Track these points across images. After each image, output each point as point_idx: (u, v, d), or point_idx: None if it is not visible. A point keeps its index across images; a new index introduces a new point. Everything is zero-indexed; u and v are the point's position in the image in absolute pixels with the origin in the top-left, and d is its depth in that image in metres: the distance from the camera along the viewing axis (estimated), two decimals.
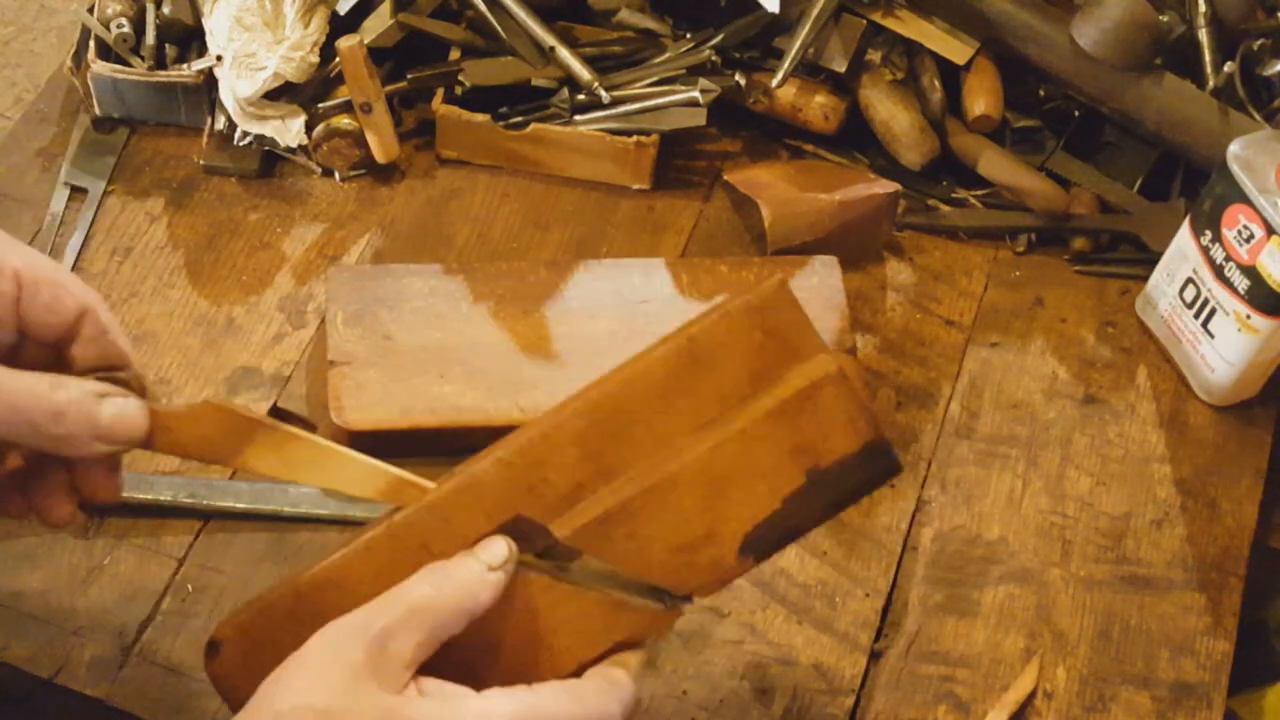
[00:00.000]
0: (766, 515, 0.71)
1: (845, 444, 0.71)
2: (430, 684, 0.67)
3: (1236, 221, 0.97)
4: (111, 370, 0.73)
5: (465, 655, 0.69)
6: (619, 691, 0.69)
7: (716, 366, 0.70)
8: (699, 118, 1.10)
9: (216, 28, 1.07)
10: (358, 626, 0.67)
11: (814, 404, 0.71)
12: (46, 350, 0.73)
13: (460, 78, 1.10)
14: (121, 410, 0.70)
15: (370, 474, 0.72)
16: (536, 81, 1.11)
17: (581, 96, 1.10)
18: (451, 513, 0.69)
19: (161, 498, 0.92)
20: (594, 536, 0.70)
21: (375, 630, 0.66)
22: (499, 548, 0.69)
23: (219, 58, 1.07)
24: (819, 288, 1.03)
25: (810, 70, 1.14)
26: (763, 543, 0.72)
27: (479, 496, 0.69)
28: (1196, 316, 1.02)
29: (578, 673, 0.70)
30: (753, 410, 0.70)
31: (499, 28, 1.11)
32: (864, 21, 1.13)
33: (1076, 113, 1.17)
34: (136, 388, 0.73)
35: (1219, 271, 0.99)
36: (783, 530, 0.72)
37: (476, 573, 0.69)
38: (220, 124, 1.09)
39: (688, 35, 1.15)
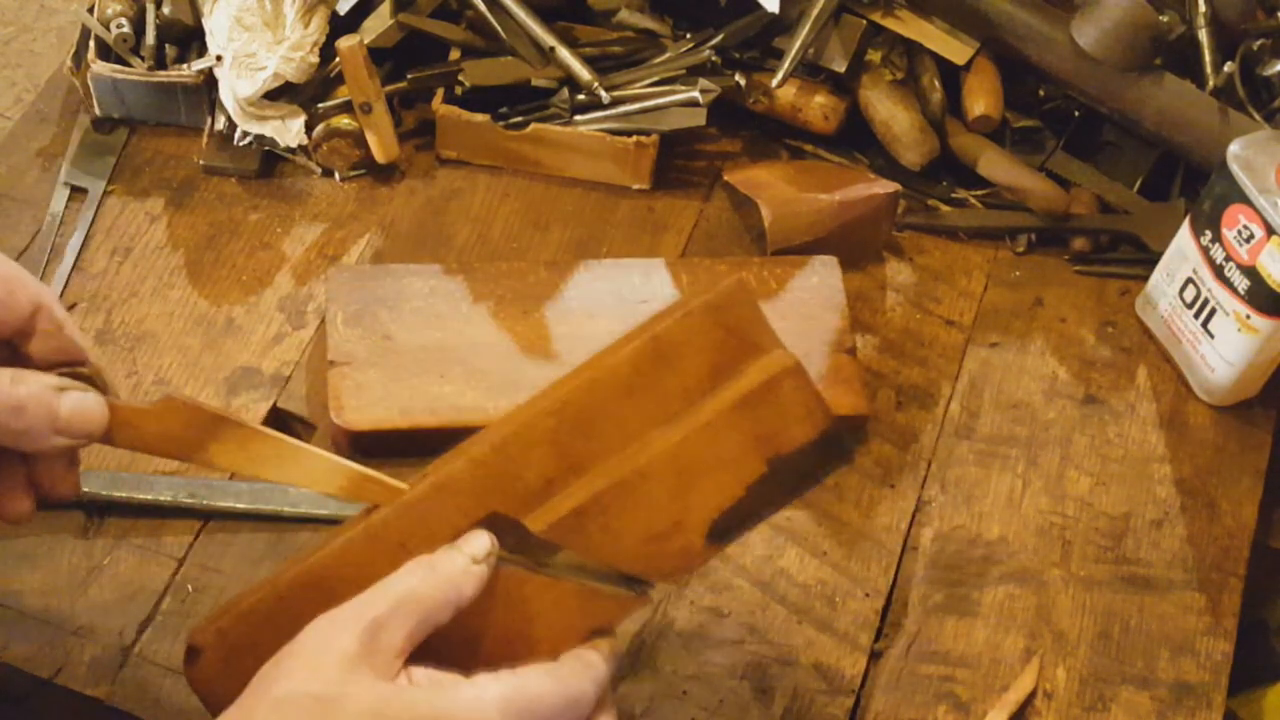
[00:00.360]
0: (731, 503, 0.74)
1: (804, 433, 0.74)
2: (420, 673, 0.68)
3: (1236, 221, 0.97)
4: (71, 365, 0.73)
5: (449, 647, 0.70)
6: (593, 672, 0.72)
7: (680, 363, 0.74)
8: (699, 118, 1.10)
9: (216, 28, 1.07)
10: (349, 618, 0.68)
11: (774, 396, 0.74)
12: (1, 347, 0.73)
13: (460, 78, 1.10)
14: (81, 404, 0.71)
15: (334, 471, 0.74)
16: (536, 81, 1.11)
17: (581, 96, 1.10)
18: (427, 512, 0.71)
19: (161, 498, 0.92)
20: (568, 529, 0.72)
21: (367, 621, 0.67)
22: (482, 541, 0.71)
23: (219, 58, 1.07)
24: (819, 288, 1.03)
25: (810, 70, 1.14)
26: (728, 528, 0.75)
27: (454, 495, 0.72)
28: (1196, 316, 1.02)
29: (554, 659, 0.72)
30: (716, 404, 0.74)
31: (499, 28, 1.11)
32: (864, 21, 1.13)
33: (1076, 113, 1.17)
34: (98, 383, 0.73)
35: (1219, 271, 0.99)
36: (746, 515, 0.75)
37: (461, 565, 0.70)
38: (220, 124, 1.09)
39: (688, 35, 1.15)
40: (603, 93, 1.09)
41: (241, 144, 1.09)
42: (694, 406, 0.74)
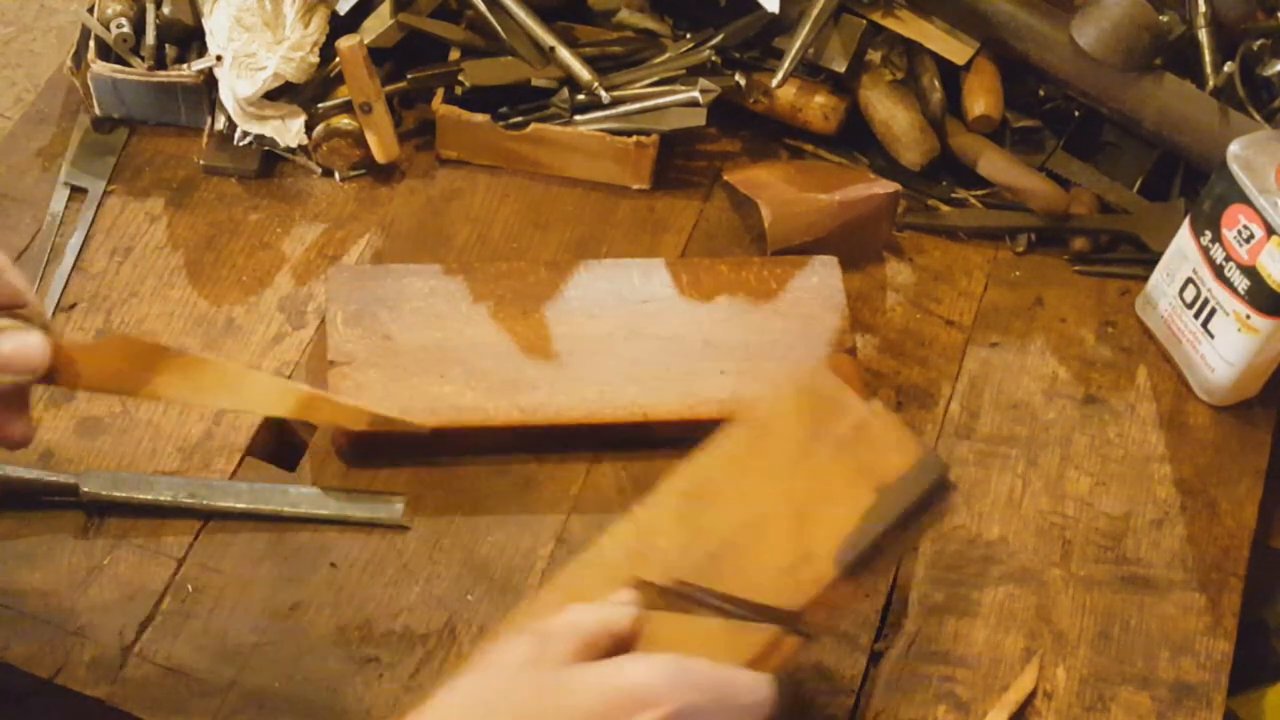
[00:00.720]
0: (850, 531, 0.81)
1: (901, 460, 0.83)
2: None
3: (1236, 221, 0.97)
4: (11, 308, 0.74)
5: None
6: (752, 683, 0.74)
7: (781, 432, 0.84)
8: (699, 118, 1.10)
9: (216, 28, 1.07)
10: (523, 631, 0.73)
11: (866, 435, 0.84)
12: None
13: (460, 78, 1.10)
14: (23, 342, 0.74)
15: (283, 392, 0.78)
16: (536, 81, 1.11)
17: (581, 96, 1.10)
18: (580, 586, 0.79)
19: (161, 498, 0.92)
20: (706, 572, 0.80)
21: (538, 631, 0.72)
22: (622, 593, 0.77)
23: (219, 58, 1.07)
24: (819, 288, 1.03)
25: (810, 70, 1.14)
26: (854, 557, 0.81)
27: (601, 570, 0.80)
28: (1196, 316, 1.02)
29: None
30: (818, 452, 0.83)
31: (499, 28, 1.11)
32: (864, 21, 1.13)
33: (1076, 113, 1.17)
34: (39, 324, 0.75)
35: (1219, 271, 0.99)
36: (870, 546, 0.81)
37: (609, 605, 0.76)
38: (220, 124, 1.09)
39: (688, 35, 1.15)
40: (603, 93, 1.09)
41: (241, 144, 1.09)
42: (800, 461, 0.83)
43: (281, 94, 1.08)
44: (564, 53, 1.10)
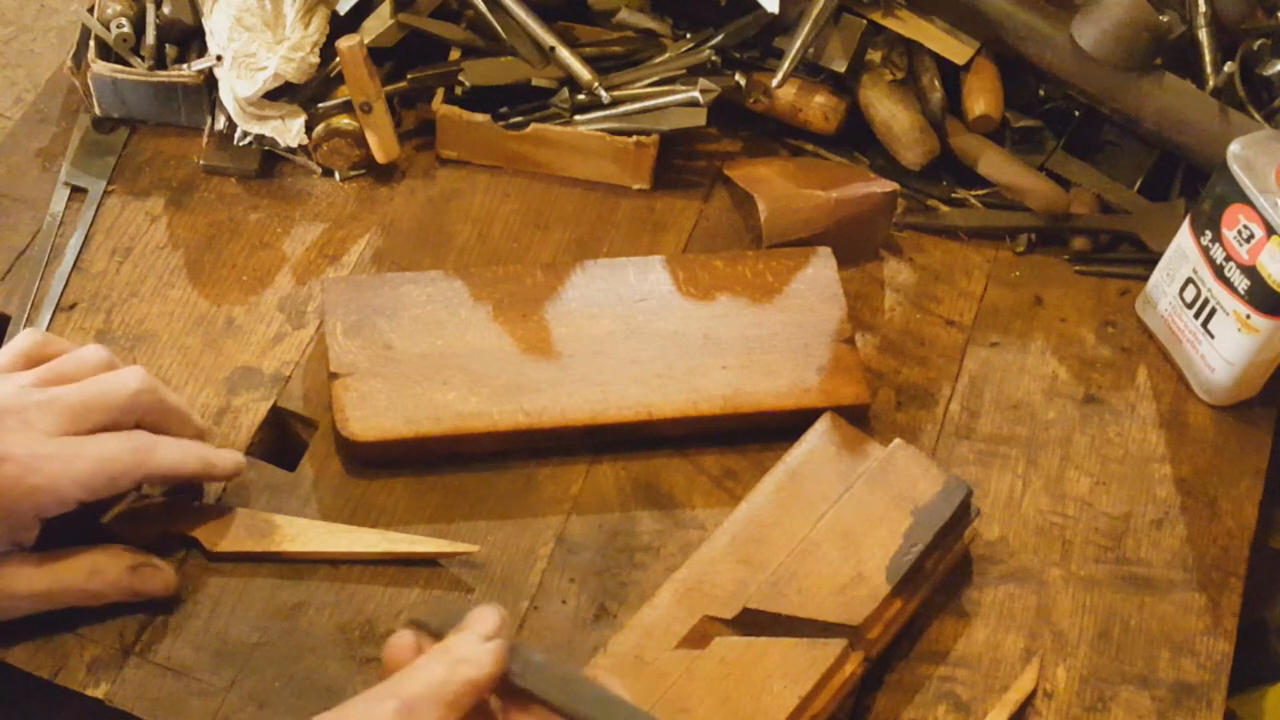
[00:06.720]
0: (895, 550, 0.89)
1: (929, 486, 0.92)
2: None
3: (1236, 221, 0.97)
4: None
5: (701, 713, 0.83)
6: None
7: (812, 475, 0.92)
8: (699, 118, 1.10)
9: (216, 28, 1.07)
10: (382, 693, 0.72)
11: (893, 466, 0.92)
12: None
13: (460, 78, 1.10)
14: (150, 577, 0.87)
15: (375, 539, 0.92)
16: (536, 81, 1.11)
17: (581, 96, 1.10)
18: (653, 628, 0.85)
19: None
20: (769, 599, 0.87)
21: (404, 697, 0.71)
22: (489, 618, 0.75)
23: (219, 58, 1.07)
24: (815, 279, 1.03)
25: (810, 70, 1.14)
26: (903, 575, 0.88)
27: (669, 614, 0.86)
28: (1196, 316, 1.02)
29: (801, 709, 0.84)
30: (852, 485, 0.92)
31: (499, 28, 1.11)
32: (864, 21, 1.13)
33: (1076, 113, 1.17)
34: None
35: (1219, 271, 0.99)
36: (913, 562, 0.89)
37: (473, 644, 0.74)
38: (220, 124, 1.09)
39: (688, 35, 1.15)
40: (603, 93, 1.09)
41: (241, 144, 1.09)
42: (837, 494, 0.91)
43: (281, 94, 1.08)
44: (564, 53, 1.10)
